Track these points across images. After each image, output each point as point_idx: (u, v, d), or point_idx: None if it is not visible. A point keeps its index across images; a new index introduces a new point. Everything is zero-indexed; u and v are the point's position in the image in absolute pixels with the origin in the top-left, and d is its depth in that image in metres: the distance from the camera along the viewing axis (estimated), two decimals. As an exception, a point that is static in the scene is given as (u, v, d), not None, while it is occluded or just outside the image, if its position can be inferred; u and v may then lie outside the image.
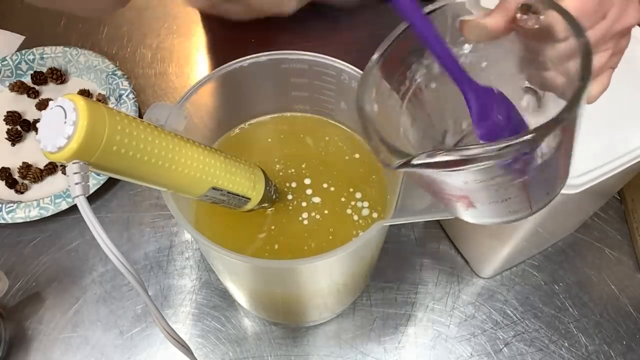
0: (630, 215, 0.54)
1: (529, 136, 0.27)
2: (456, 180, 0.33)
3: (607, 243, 0.54)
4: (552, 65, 0.34)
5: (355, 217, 0.43)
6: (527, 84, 0.38)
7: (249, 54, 0.40)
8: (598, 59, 0.35)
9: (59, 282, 0.52)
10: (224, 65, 0.40)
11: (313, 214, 0.43)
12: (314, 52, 0.40)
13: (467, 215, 0.37)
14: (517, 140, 0.27)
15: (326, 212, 0.43)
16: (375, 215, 0.43)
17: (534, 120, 0.37)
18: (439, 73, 0.35)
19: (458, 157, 0.28)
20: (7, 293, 0.51)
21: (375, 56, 0.34)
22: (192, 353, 0.33)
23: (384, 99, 0.34)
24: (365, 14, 0.69)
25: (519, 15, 0.32)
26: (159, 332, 0.48)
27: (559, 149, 0.30)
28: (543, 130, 0.27)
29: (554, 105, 0.39)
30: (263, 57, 0.41)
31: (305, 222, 0.42)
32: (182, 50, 0.69)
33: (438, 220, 0.55)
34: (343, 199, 0.43)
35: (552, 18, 0.31)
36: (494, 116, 0.34)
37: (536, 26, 0.32)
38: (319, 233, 0.42)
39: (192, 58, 0.68)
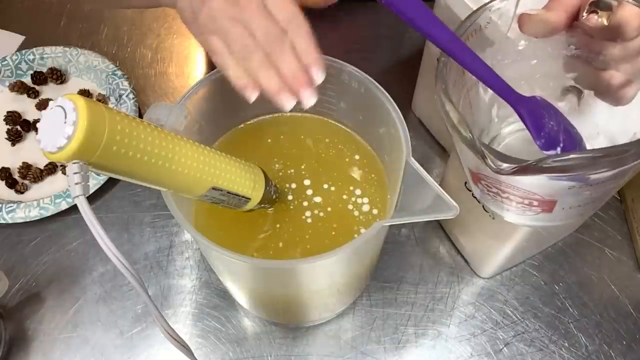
0: (630, 215, 0.54)
1: None
2: (563, 185, 0.32)
3: (607, 243, 0.54)
4: (613, 64, 0.34)
5: (356, 213, 0.43)
6: (571, 82, 0.38)
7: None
8: None
9: (59, 282, 0.52)
10: (224, 65, 0.40)
11: (316, 211, 0.43)
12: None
13: (530, 219, 0.37)
14: None
15: (329, 209, 0.43)
16: (375, 211, 0.43)
17: (574, 120, 0.37)
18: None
19: (591, 157, 0.27)
20: (7, 293, 0.50)
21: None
22: (192, 353, 0.33)
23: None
24: (365, 14, 0.69)
25: (585, 13, 0.32)
26: (159, 332, 0.48)
27: None
28: None
29: (594, 106, 0.39)
30: (263, 57, 0.41)
31: (309, 220, 0.42)
32: (182, 50, 0.69)
33: (438, 220, 0.55)
34: (345, 196, 0.43)
35: (627, 14, 0.31)
36: (547, 124, 0.34)
37: (605, 23, 0.31)
38: (322, 231, 0.42)
39: (192, 58, 0.68)
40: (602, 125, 0.40)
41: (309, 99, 0.35)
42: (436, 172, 0.59)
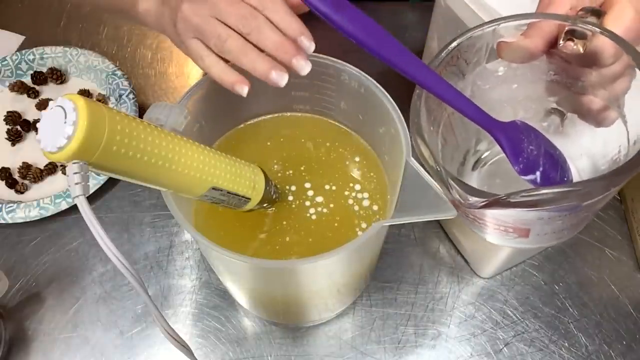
0: (630, 215, 0.54)
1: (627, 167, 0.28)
2: (532, 216, 0.33)
3: (607, 243, 0.54)
4: (591, 90, 0.34)
5: (356, 207, 0.43)
6: (554, 105, 0.39)
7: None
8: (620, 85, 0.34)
9: (59, 282, 0.52)
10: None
11: (316, 210, 0.43)
12: (314, 52, 0.40)
13: (509, 242, 0.38)
14: (625, 170, 0.28)
15: (330, 208, 0.43)
16: (375, 207, 0.43)
17: (557, 141, 0.37)
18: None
19: (561, 192, 0.28)
20: (7, 293, 0.50)
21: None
22: (192, 353, 0.33)
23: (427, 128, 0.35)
24: (366, 14, 0.69)
25: (561, 41, 0.33)
26: (159, 332, 0.48)
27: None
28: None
29: (578, 127, 0.39)
30: (263, 57, 0.41)
31: (309, 220, 0.42)
32: (182, 50, 0.69)
33: (438, 220, 0.55)
34: (345, 195, 0.43)
35: (601, 43, 0.31)
36: (525, 148, 0.35)
37: (581, 51, 0.32)
38: (322, 231, 0.42)
39: (192, 58, 0.68)
40: (585, 146, 0.40)
41: (303, 67, 0.34)
42: (436, 172, 0.59)
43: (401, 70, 0.32)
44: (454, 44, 0.35)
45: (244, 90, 0.35)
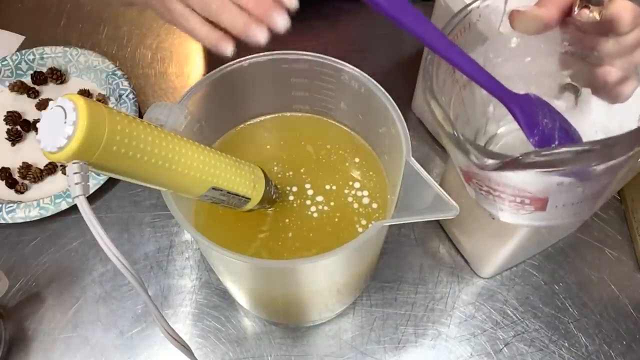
0: (630, 215, 0.54)
1: None
2: (551, 181, 0.32)
3: (607, 243, 0.54)
4: (608, 60, 0.33)
5: (356, 205, 0.43)
6: (568, 80, 0.37)
7: (249, 54, 0.40)
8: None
9: (59, 282, 0.52)
10: (224, 65, 0.40)
11: (317, 209, 0.43)
12: (314, 52, 0.40)
13: (524, 218, 0.36)
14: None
15: (330, 206, 0.43)
16: (375, 205, 0.43)
17: (572, 118, 0.36)
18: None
19: (581, 150, 0.27)
20: (7, 293, 0.51)
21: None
22: (192, 353, 0.33)
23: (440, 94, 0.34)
24: (365, 14, 0.69)
25: (577, 8, 0.31)
26: (159, 332, 0.48)
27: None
28: None
29: (592, 103, 0.38)
30: (263, 57, 0.41)
31: (309, 219, 0.42)
32: (182, 50, 0.69)
33: (438, 220, 0.55)
34: (345, 194, 0.43)
35: (618, 9, 0.30)
36: (540, 121, 0.34)
37: (597, 18, 0.31)
38: (322, 230, 0.42)
39: (192, 58, 0.68)
40: (600, 123, 0.39)
41: (281, 23, 0.34)
42: (436, 172, 0.59)
43: (417, 35, 0.31)
44: (468, 9, 0.34)
45: (227, 48, 0.36)
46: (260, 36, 0.34)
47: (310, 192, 0.44)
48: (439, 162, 0.59)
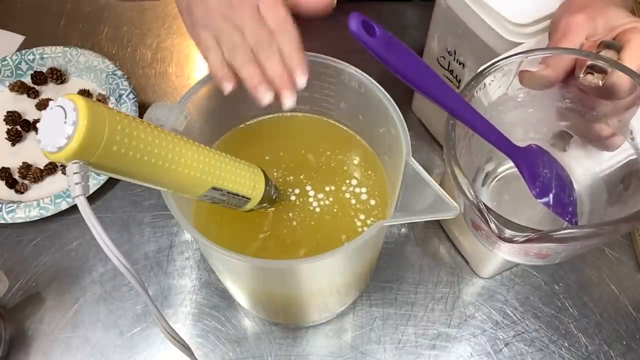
0: (630, 215, 0.55)
1: None
2: (560, 247, 0.35)
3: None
4: (604, 119, 0.37)
5: (354, 201, 0.43)
6: (563, 128, 0.41)
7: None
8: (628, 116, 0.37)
9: (59, 282, 0.52)
10: (224, 65, 0.40)
11: (316, 209, 0.43)
12: (314, 52, 0.40)
13: (523, 261, 0.40)
14: None
15: (330, 206, 0.43)
16: (373, 202, 0.43)
17: (561, 159, 0.40)
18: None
19: (593, 231, 0.30)
20: (7, 293, 0.51)
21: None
22: (192, 353, 0.33)
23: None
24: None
25: (581, 74, 0.35)
26: (159, 332, 0.48)
27: None
28: None
29: (580, 149, 0.42)
30: (263, 57, 0.41)
31: (309, 219, 0.42)
32: (182, 50, 0.69)
33: (438, 220, 0.55)
34: (345, 195, 0.43)
35: (619, 78, 0.34)
36: (541, 172, 0.37)
37: (600, 84, 0.35)
38: (322, 230, 0.42)
39: (192, 58, 0.68)
40: (587, 166, 0.42)
41: (289, 100, 0.36)
42: (436, 172, 0.59)
43: (438, 102, 0.33)
44: (482, 69, 0.37)
45: (228, 86, 0.38)
46: (265, 101, 0.36)
47: (311, 193, 0.44)
48: (439, 162, 0.59)
